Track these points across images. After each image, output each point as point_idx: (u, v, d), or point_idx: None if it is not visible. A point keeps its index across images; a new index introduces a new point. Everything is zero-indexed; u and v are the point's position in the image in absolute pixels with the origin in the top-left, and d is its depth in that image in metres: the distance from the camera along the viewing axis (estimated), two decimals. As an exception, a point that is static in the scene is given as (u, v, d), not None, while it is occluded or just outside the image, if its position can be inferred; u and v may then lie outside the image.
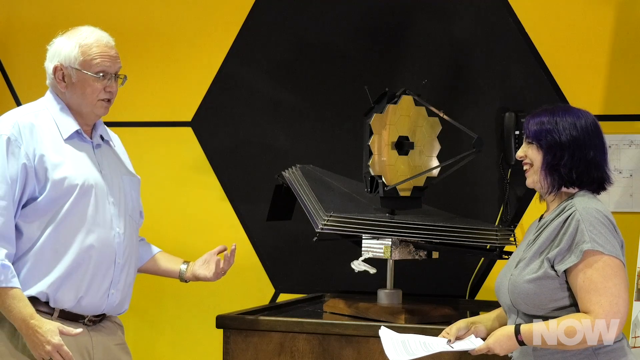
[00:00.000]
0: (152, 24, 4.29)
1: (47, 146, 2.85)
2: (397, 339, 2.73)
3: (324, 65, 4.05)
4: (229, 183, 4.18)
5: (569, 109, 2.68)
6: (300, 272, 4.07)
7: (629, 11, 3.69)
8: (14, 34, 4.46)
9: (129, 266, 2.98)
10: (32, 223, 2.81)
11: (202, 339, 4.12)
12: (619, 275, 2.51)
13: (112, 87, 2.93)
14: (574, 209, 2.56)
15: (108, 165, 2.99)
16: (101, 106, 2.94)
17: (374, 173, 3.30)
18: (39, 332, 2.72)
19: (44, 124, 2.88)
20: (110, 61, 2.92)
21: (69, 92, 2.93)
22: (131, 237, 2.99)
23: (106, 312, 2.97)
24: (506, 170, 3.77)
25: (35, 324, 2.73)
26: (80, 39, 2.92)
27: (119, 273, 2.93)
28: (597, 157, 2.63)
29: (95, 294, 2.89)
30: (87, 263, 2.85)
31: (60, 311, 2.85)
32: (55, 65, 2.92)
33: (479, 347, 2.64)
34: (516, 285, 2.60)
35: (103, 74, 2.90)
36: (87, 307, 2.89)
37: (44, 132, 2.87)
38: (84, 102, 2.92)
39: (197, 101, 4.22)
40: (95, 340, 2.93)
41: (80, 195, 2.85)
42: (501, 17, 3.81)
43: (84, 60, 2.89)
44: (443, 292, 3.83)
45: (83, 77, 2.90)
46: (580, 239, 2.52)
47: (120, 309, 3.01)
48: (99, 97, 2.91)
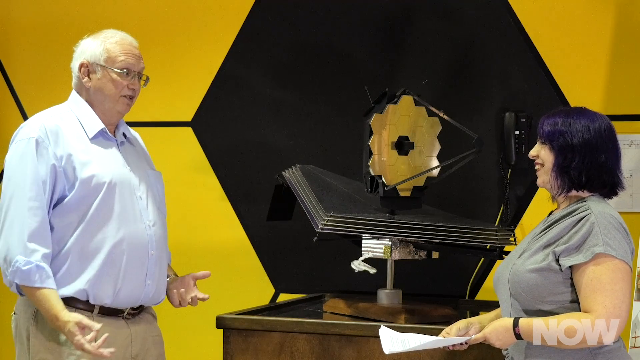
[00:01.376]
0: (152, 24, 4.29)
1: (74, 146, 2.91)
2: (397, 337, 2.73)
3: (324, 65, 4.05)
4: (229, 183, 4.18)
5: (585, 111, 2.66)
6: (300, 272, 4.07)
7: (629, 11, 3.69)
8: (14, 34, 4.46)
9: (161, 257, 3.02)
10: (63, 222, 2.87)
11: (202, 339, 4.12)
12: (626, 280, 2.51)
13: (135, 85, 3.00)
14: (590, 212, 2.56)
15: (133, 161, 3.05)
16: (123, 102, 2.99)
17: (374, 173, 3.30)
18: (73, 322, 2.77)
19: (69, 125, 2.94)
20: (134, 59, 3.00)
21: (93, 89, 2.98)
22: (162, 228, 3.06)
23: (144, 303, 3.01)
24: (506, 170, 3.77)
25: (58, 326, 2.79)
26: (105, 37, 3.00)
27: (153, 264, 2.98)
28: (609, 162, 2.62)
29: (132, 287, 2.93)
30: (120, 257, 2.90)
31: (100, 307, 2.90)
32: (81, 62, 2.98)
33: (475, 337, 2.64)
34: (517, 274, 2.59)
35: (127, 71, 2.97)
36: (125, 300, 2.94)
37: (70, 133, 2.92)
38: (107, 98, 2.98)
39: (197, 101, 4.22)
40: (134, 333, 2.98)
41: (108, 191, 2.90)
42: (501, 17, 3.81)
43: (108, 57, 2.96)
44: (443, 292, 3.83)
45: (107, 73, 2.96)
46: (593, 242, 2.51)
47: (158, 299, 3.06)
48: (121, 93, 2.97)
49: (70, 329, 2.76)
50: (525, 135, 3.72)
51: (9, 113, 4.42)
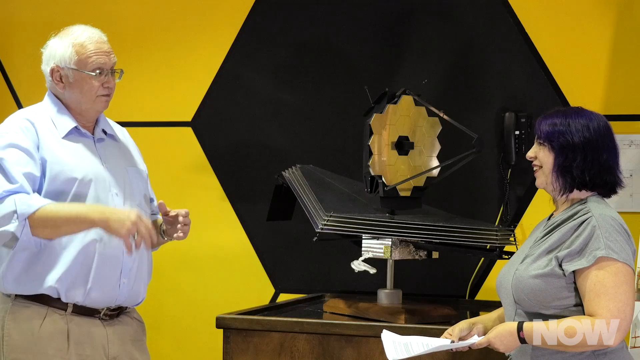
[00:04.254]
0: (152, 24, 4.29)
1: (46, 142, 2.87)
2: (400, 341, 2.73)
3: (323, 65, 4.05)
4: (229, 183, 4.18)
5: (582, 111, 2.66)
6: (300, 272, 4.06)
7: (629, 11, 3.69)
8: (14, 34, 4.46)
9: (140, 255, 2.97)
10: None
11: (202, 339, 4.12)
12: (629, 282, 2.50)
13: (109, 83, 2.95)
14: (590, 215, 2.56)
15: (111, 158, 3.01)
16: (101, 101, 2.96)
17: (374, 173, 3.30)
18: (116, 212, 2.76)
19: (42, 123, 2.91)
20: (105, 57, 2.94)
21: (67, 92, 2.95)
22: None
23: (121, 303, 2.97)
24: (506, 170, 3.77)
25: (120, 218, 2.73)
26: (72, 38, 2.94)
27: (129, 262, 2.93)
28: (609, 161, 2.62)
29: (105, 285, 2.89)
30: (91, 255, 2.86)
31: (74, 306, 2.87)
32: (52, 68, 2.94)
33: (479, 341, 2.63)
34: (521, 280, 2.59)
35: (100, 71, 2.92)
36: (99, 300, 2.90)
37: (43, 130, 2.89)
38: (83, 100, 2.94)
39: (197, 101, 4.22)
40: (110, 335, 2.94)
41: (81, 188, 2.87)
42: (501, 17, 3.81)
43: (79, 59, 2.91)
44: (443, 292, 3.83)
45: (80, 76, 2.92)
46: (594, 245, 2.51)
47: (136, 299, 3.02)
48: (97, 93, 2.94)
49: (137, 215, 2.72)
50: (525, 135, 3.72)
51: (8, 113, 4.41)
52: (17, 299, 2.86)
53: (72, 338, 2.85)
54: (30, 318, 2.85)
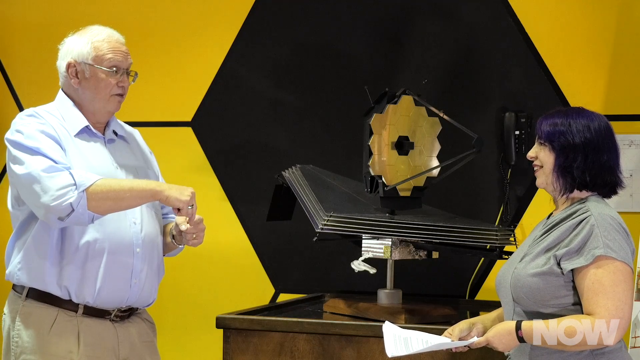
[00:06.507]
0: (152, 24, 4.29)
1: (61, 138, 2.88)
2: (400, 335, 2.73)
3: (323, 65, 4.05)
4: (229, 183, 4.18)
5: (582, 111, 2.66)
6: (300, 272, 4.07)
7: (629, 11, 3.69)
8: (14, 34, 4.46)
9: (150, 255, 2.97)
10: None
11: (202, 339, 4.12)
12: (628, 281, 2.51)
13: (124, 82, 2.97)
14: (589, 214, 2.56)
15: (122, 158, 3.01)
16: (114, 101, 2.97)
17: (374, 173, 3.30)
18: (171, 184, 2.85)
19: (54, 121, 2.91)
20: (122, 56, 2.96)
21: (82, 88, 2.95)
22: (151, 226, 2.99)
23: (132, 304, 2.97)
24: (506, 170, 3.77)
25: (180, 195, 2.84)
26: (91, 36, 2.96)
27: (139, 262, 2.93)
28: (610, 161, 2.62)
29: (115, 285, 2.89)
30: (100, 255, 2.86)
31: (85, 307, 2.86)
32: (69, 62, 2.94)
33: (478, 340, 2.63)
34: (520, 278, 2.59)
35: (116, 69, 2.94)
36: (110, 300, 2.89)
37: (57, 127, 2.89)
38: (97, 97, 2.95)
39: (197, 101, 4.22)
40: (121, 336, 2.93)
41: None
42: (501, 17, 3.81)
43: (96, 55, 2.93)
44: (443, 292, 3.83)
45: (96, 72, 2.93)
46: (593, 244, 2.51)
47: (148, 299, 3.02)
48: (112, 92, 2.95)
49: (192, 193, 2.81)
50: (525, 135, 3.72)
51: (8, 113, 4.42)
52: (28, 300, 2.87)
53: (82, 339, 2.85)
54: (41, 319, 2.85)
